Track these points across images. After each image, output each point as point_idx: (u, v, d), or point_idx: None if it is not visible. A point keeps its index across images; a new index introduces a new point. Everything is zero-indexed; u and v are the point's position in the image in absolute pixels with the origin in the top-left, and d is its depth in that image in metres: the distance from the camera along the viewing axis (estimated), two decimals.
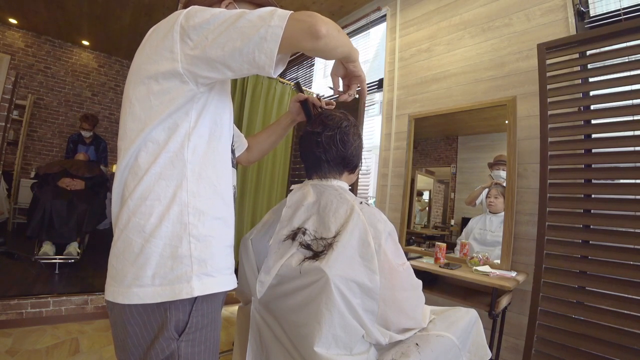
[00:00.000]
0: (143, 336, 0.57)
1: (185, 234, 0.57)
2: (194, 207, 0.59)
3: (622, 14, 1.51)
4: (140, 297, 0.55)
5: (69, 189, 2.85)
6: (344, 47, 0.63)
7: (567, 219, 1.42)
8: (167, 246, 0.56)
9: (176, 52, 0.56)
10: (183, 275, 0.56)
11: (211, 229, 0.60)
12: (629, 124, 1.31)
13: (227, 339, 2.03)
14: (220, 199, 0.64)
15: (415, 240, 2.15)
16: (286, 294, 0.70)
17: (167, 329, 0.56)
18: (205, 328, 0.61)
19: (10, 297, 1.91)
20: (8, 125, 2.50)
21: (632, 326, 1.18)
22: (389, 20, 2.70)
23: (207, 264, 0.59)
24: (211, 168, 0.63)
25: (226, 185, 0.66)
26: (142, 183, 0.58)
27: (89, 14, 3.80)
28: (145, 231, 0.56)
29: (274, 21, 0.53)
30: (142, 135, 0.58)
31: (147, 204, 0.57)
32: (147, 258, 0.56)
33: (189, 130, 0.60)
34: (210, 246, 0.60)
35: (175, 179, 0.59)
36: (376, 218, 0.72)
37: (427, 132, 2.18)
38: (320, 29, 0.54)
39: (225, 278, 0.62)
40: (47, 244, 2.59)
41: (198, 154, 0.61)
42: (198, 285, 0.57)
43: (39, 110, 4.56)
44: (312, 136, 0.82)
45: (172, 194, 0.58)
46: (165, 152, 0.59)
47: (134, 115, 0.59)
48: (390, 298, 0.68)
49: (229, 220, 0.66)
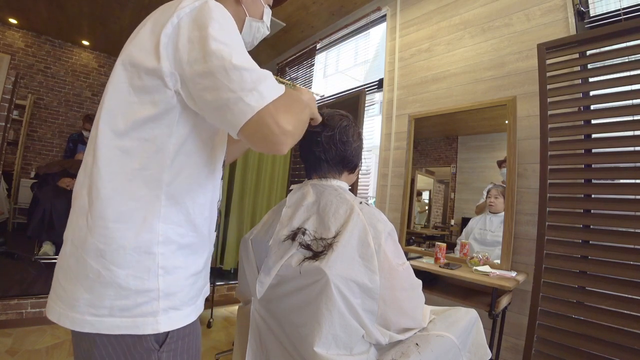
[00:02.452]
0: (115, 353, 0.50)
1: (154, 265, 0.50)
2: (165, 236, 0.51)
3: (622, 14, 1.51)
4: (95, 328, 0.48)
5: (69, 189, 2.85)
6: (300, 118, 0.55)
7: (567, 219, 1.42)
8: (130, 277, 0.49)
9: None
10: (149, 310, 0.50)
11: (180, 259, 0.54)
12: (629, 124, 1.31)
13: (227, 339, 2.03)
14: (191, 226, 0.56)
15: (415, 240, 2.15)
16: (286, 294, 0.70)
17: (146, 340, 0.51)
18: (188, 336, 0.56)
19: (10, 297, 1.91)
20: (8, 125, 2.50)
21: (632, 326, 1.18)
22: (389, 20, 2.70)
23: (176, 297, 0.53)
24: (190, 193, 0.55)
25: (201, 209, 0.58)
26: (106, 200, 0.49)
27: (89, 14, 3.80)
28: (106, 258, 0.48)
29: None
30: (113, 139, 0.50)
31: (110, 226, 0.49)
32: (106, 288, 0.48)
33: (172, 147, 0.52)
34: (179, 278, 0.54)
35: (147, 202, 0.51)
36: (376, 218, 0.72)
37: (427, 132, 2.18)
38: (281, 127, 0.48)
39: (191, 309, 0.57)
40: (47, 244, 2.59)
41: (181, 176, 0.53)
42: (164, 320, 0.51)
43: (39, 110, 4.56)
44: (312, 136, 0.82)
45: (142, 219, 0.50)
46: (140, 169, 0.50)
47: (107, 112, 0.51)
48: (390, 298, 0.68)
49: (197, 246, 0.58)
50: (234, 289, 2.71)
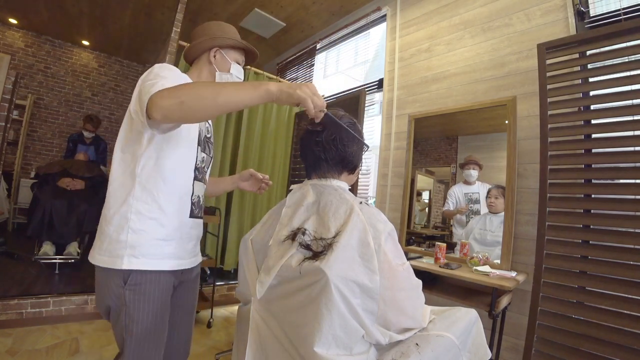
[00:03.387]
0: (104, 286, 0.83)
1: (126, 226, 0.80)
2: (135, 209, 0.81)
3: (622, 14, 1.51)
4: (97, 261, 0.82)
5: (69, 189, 2.85)
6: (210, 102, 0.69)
7: (567, 219, 1.42)
8: (114, 232, 0.80)
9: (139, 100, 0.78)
10: (119, 254, 0.80)
11: (145, 225, 0.82)
12: (629, 124, 1.31)
13: (227, 339, 2.03)
14: (157, 205, 0.83)
15: (415, 240, 2.15)
16: (286, 294, 0.70)
17: (117, 276, 0.80)
18: (145, 284, 0.82)
19: (10, 297, 1.91)
20: (8, 125, 2.50)
21: (632, 326, 1.18)
22: (389, 20, 2.70)
23: (136, 249, 0.80)
24: (154, 182, 0.83)
25: (168, 195, 0.85)
26: (111, 186, 0.83)
27: (89, 14, 3.80)
28: (107, 219, 0.82)
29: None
30: (118, 152, 0.84)
31: (110, 201, 0.83)
32: (105, 237, 0.82)
33: (140, 152, 0.81)
34: (141, 238, 0.81)
35: (128, 188, 0.82)
36: (376, 218, 0.72)
37: (427, 132, 2.18)
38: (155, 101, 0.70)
39: (150, 262, 0.82)
40: (47, 244, 2.59)
41: (145, 170, 0.82)
42: (126, 262, 0.79)
43: (39, 110, 4.56)
44: (312, 135, 0.82)
45: (124, 198, 0.81)
46: (126, 167, 0.82)
47: (119, 136, 0.85)
48: (390, 298, 0.68)
49: (163, 220, 0.85)
50: (234, 289, 2.71)
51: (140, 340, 0.81)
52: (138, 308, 0.81)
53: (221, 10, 3.38)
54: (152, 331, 0.83)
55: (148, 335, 0.83)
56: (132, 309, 0.80)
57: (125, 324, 0.80)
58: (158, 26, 3.85)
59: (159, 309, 0.85)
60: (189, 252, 0.94)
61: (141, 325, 0.81)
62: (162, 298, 0.85)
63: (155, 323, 0.84)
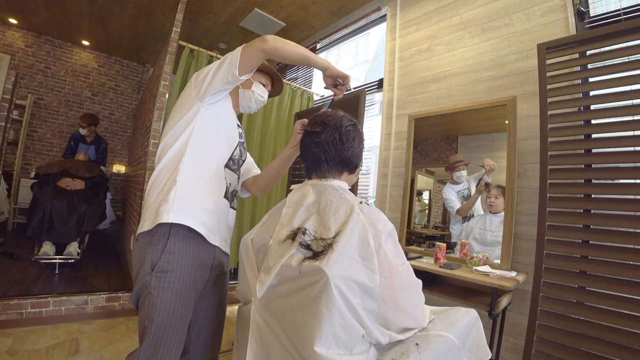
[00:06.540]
0: (138, 262, 0.91)
1: (174, 187, 0.90)
2: (183, 175, 0.92)
3: (622, 14, 1.51)
4: (145, 226, 0.90)
5: (69, 189, 2.85)
6: (297, 50, 0.95)
7: (567, 219, 1.42)
8: (164, 195, 0.90)
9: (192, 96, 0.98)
10: (166, 209, 0.88)
11: (191, 189, 0.93)
12: (629, 124, 1.30)
13: (227, 339, 2.03)
14: (200, 178, 0.96)
15: (415, 240, 2.15)
16: (286, 294, 0.70)
17: (145, 265, 0.87)
18: (171, 272, 0.87)
19: (10, 297, 1.91)
20: (8, 125, 2.50)
21: (632, 326, 1.18)
22: (389, 20, 2.70)
23: (182, 207, 0.89)
24: (197, 158, 0.96)
25: (208, 170, 0.98)
26: (162, 161, 0.96)
27: (89, 14, 3.80)
28: (159, 187, 0.94)
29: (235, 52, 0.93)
30: (169, 133, 0.98)
31: (164, 170, 0.95)
32: (155, 205, 0.92)
33: (190, 130, 0.97)
34: (187, 198, 0.91)
35: (178, 160, 0.94)
36: (376, 218, 0.72)
37: (427, 132, 2.18)
38: (265, 37, 0.90)
39: (192, 221, 0.90)
40: (47, 244, 2.59)
41: (194, 148, 0.96)
42: (173, 217, 0.87)
43: (39, 110, 4.56)
44: (312, 136, 0.82)
45: (175, 165, 0.94)
46: (176, 144, 0.96)
47: (168, 123, 1.01)
48: (390, 298, 0.68)
49: (206, 190, 0.96)
50: (234, 289, 2.70)
51: (159, 329, 0.84)
52: (161, 297, 0.85)
53: (221, 10, 3.38)
54: (171, 323, 0.86)
55: (167, 326, 0.85)
56: (156, 297, 0.84)
57: (147, 312, 0.84)
58: (158, 26, 3.85)
59: (182, 298, 0.88)
60: (219, 232, 1.01)
61: (162, 314, 0.84)
62: (186, 286, 0.90)
63: (176, 315, 0.87)
